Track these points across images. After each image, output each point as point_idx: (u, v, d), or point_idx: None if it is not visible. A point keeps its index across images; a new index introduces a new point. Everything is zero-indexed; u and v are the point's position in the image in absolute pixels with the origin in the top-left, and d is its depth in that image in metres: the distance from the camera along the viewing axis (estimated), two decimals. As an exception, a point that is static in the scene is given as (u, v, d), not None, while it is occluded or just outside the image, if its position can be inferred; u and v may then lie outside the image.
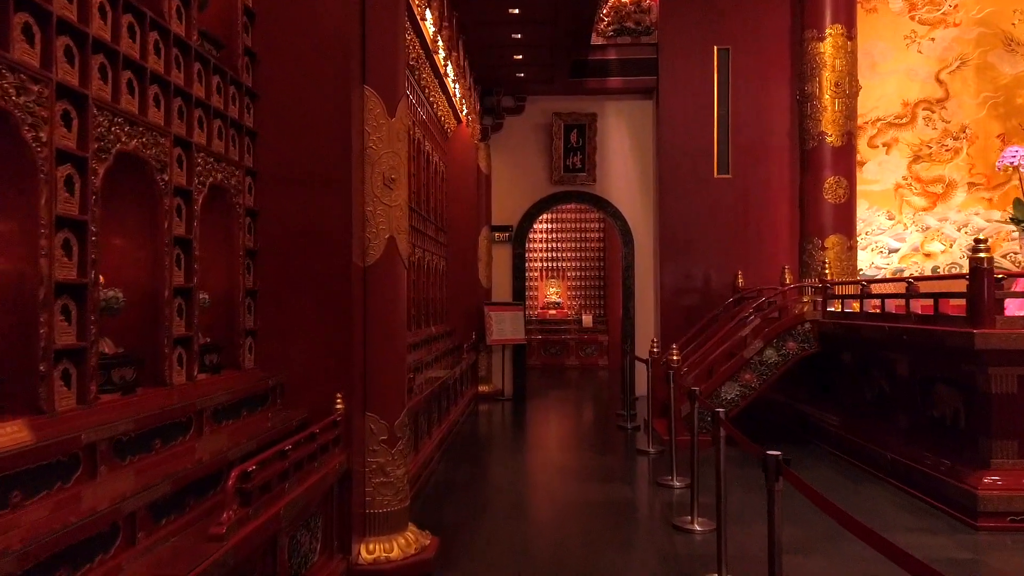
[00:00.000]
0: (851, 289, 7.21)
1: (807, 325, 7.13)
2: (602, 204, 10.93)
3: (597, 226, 16.10)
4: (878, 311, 6.22)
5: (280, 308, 3.76)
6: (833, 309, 7.16)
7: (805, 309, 7.47)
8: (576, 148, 10.77)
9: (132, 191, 2.80)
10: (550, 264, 16.19)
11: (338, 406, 3.51)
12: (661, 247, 10.38)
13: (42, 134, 2.17)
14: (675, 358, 7.01)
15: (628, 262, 10.88)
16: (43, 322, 2.16)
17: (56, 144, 2.23)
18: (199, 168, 3.15)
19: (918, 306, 5.71)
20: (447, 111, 9.67)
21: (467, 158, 10.60)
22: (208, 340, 3.31)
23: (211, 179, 3.27)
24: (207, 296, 3.28)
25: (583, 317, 15.56)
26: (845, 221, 8.89)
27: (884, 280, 8.75)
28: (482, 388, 10.66)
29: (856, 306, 6.86)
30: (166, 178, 2.88)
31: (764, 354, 7.11)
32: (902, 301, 5.79)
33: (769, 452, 2.84)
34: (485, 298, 10.78)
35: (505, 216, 11.02)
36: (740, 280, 10.04)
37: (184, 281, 3.03)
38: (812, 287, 7.48)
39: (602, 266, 16.06)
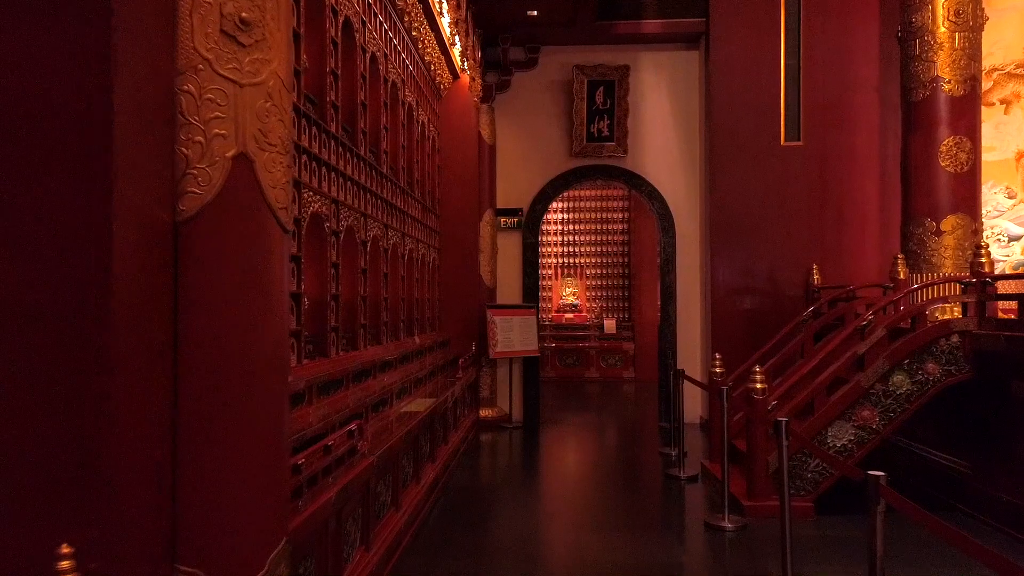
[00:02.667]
0: (1013, 287, 4.97)
1: (955, 339, 4.88)
2: (635, 181, 8.71)
3: (622, 216, 13.86)
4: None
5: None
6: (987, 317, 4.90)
7: (943, 315, 5.21)
8: (603, 111, 8.56)
9: None
10: (566, 260, 13.97)
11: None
12: (712, 235, 8.15)
13: None
14: (758, 386, 4.79)
15: (668, 254, 8.65)
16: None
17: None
18: None
19: None
20: (439, 59, 7.49)
21: (466, 124, 8.42)
22: None
23: None
24: None
25: (605, 322, 13.34)
26: (968, 196, 6.57)
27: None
28: (484, 413, 8.47)
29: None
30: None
31: (891, 380, 4.87)
32: None
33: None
34: (488, 299, 8.59)
35: (513, 197, 8.82)
36: (815, 276, 7.81)
37: None
38: (963, 281, 5.19)
39: (626, 263, 13.83)
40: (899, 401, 4.86)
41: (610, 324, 13.31)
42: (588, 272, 13.94)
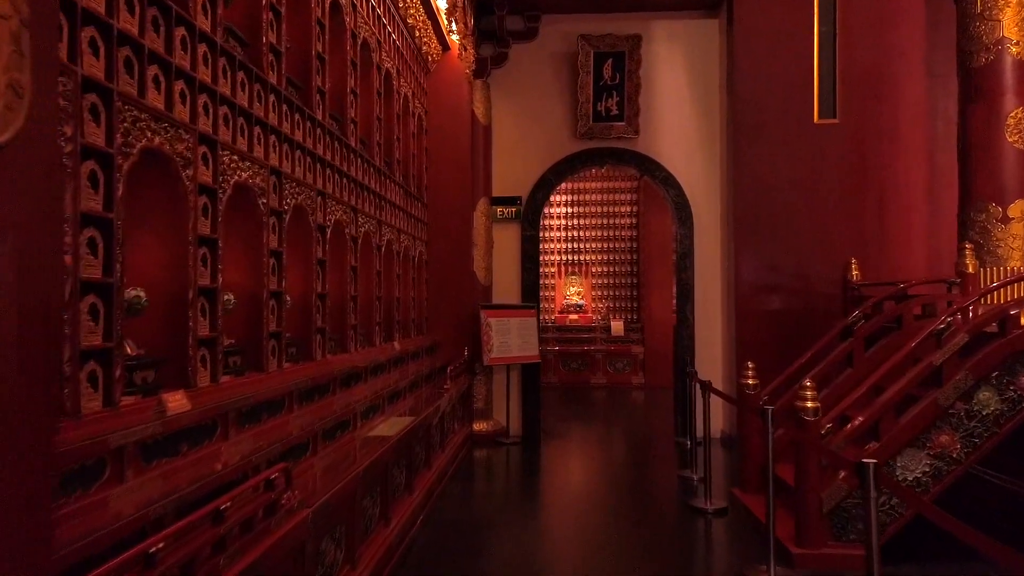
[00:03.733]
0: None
1: (1056, 346, 3.91)
2: (648, 166, 7.76)
3: (630, 209, 12.91)
4: None
5: None
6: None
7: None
8: (612, 87, 7.62)
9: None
10: (570, 257, 13.02)
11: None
12: (735, 226, 7.20)
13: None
14: (809, 404, 3.84)
15: (684, 248, 7.69)
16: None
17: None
18: None
19: None
20: (424, 25, 6.55)
21: (457, 101, 7.48)
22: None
23: None
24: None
25: (612, 323, 12.39)
26: (1040, 177, 5.66)
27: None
28: (478, 426, 7.52)
29: None
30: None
31: (975, 398, 3.91)
32: None
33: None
34: (483, 299, 7.65)
35: (511, 184, 7.88)
36: (854, 272, 6.86)
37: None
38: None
39: (635, 259, 12.88)
40: (985, 423, 3.90)
41: (617, 325, 12.36)
42: (594, 270, 12.99)
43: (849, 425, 4.04)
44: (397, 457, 4.36)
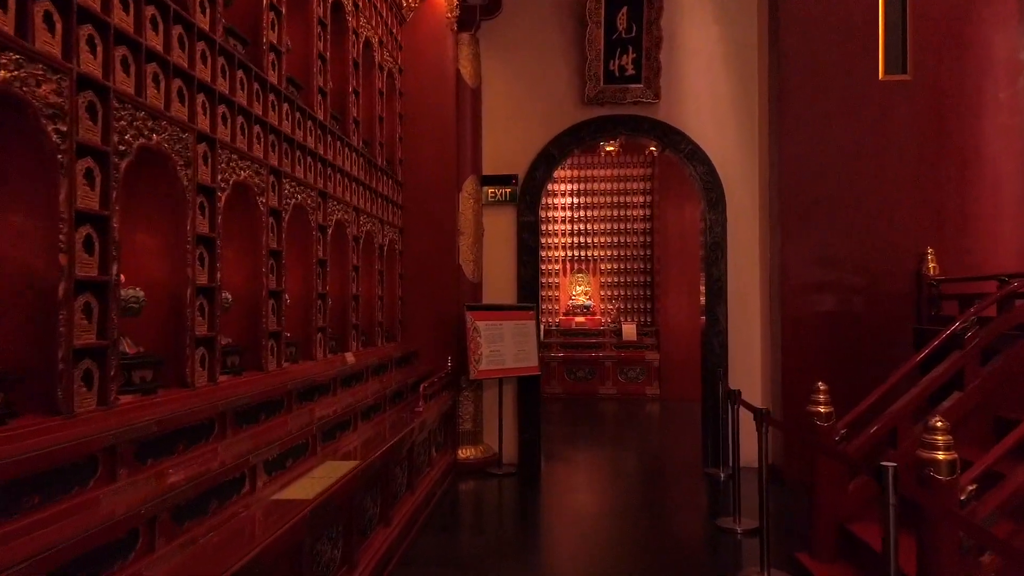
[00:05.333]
0: None
1: None
2: (671, 137, 6.40)
3: (643, 199, 11.55)
4: None
5: None
6: None
7: None
8: (627, 40, 6.27)
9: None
10: (576, 253, 11.68)
11: None
12: (780, 210, 5.84)
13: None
14: (940, 456, 2.49)
15: (716, 237, 6.33)
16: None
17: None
18: None
19: None
20: (395, -45, 5.24)
21: (439, 58, 6.16)
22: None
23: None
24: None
25: (623, 326, 11.03)
26: None
27: None
28: (465, 453, 6.18)
29: None
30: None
31: None
32: None
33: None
34: (471, 298, 6.31)
35: (505, 159, 6.54)
36: (931, 264, 5.52)
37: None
38: None
39: (648, 255, 11.53)
40: None
41: (629, 329, 11.00)
42: (602, 267, 11.64)
43: (1000, 487, 2.68)
44: (326, 523, 3.02)
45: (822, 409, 3.75)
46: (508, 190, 6.50)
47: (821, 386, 3.79)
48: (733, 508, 4.68)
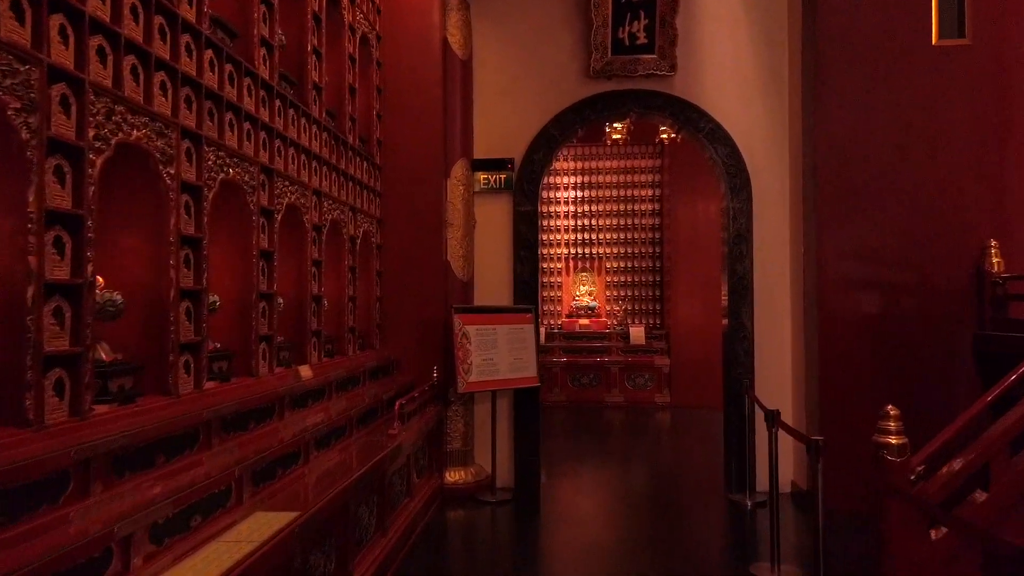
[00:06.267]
0: None
1: None
2: (688, 115, 5.61)
3: (652, 193, 10.77)
4: None
5: None
6: None
7: None
8: (638, 4, 5.49)
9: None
10: (580, 251, 10.91)
11: None
12: (816, 197, 5.05)
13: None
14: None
15: (740, 227, 5.54)
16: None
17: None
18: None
19: None
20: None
21: (424, 26, 5.40)
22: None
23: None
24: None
25: (630, 329, 10.24)
26: None
27: None
28: (454, 476, 5.40)
29: None
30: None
31: None
32: None
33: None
34: (461, 299, 5.54)
35: (499, 142, 5.76)
36: (995, 259, 4.73)
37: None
38: None
39: (658, 252, 10.74)
40: None
41: (637, 332, 10.21)
42: (608, 265, 10.85)
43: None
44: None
45: (893, 440, 2.95)
46: (503, 176, 5.71)
47: (891, 410, 3.00)
48: (772, 554, 3.88)
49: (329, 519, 2.99)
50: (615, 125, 9.10)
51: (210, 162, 2.78)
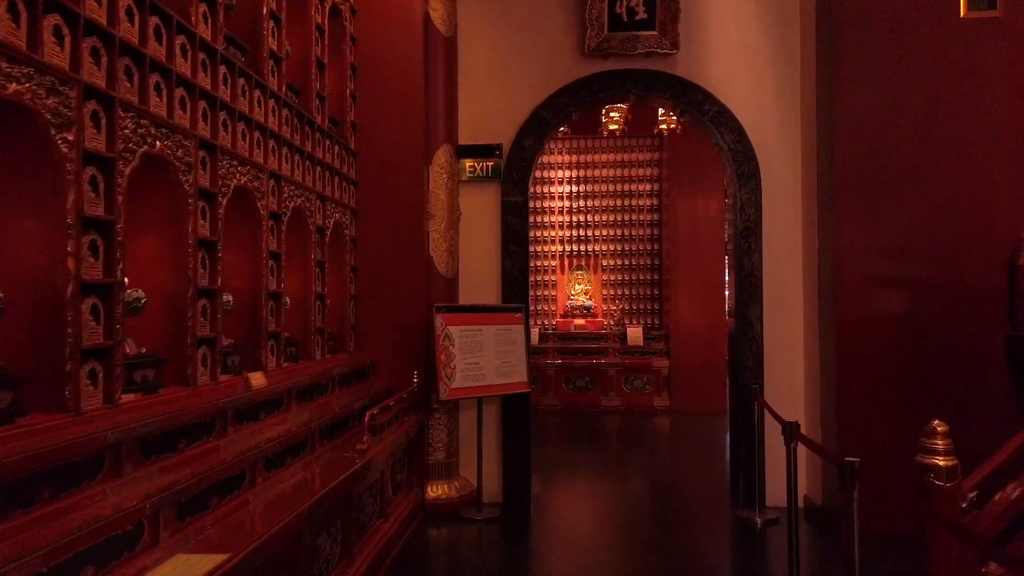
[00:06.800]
0: None
1: None
2: (691, 97, 5.15)
3: (650, 187, 10.32)
4: None
5: None
6: None
7: None
8: (637, -25, 5.04)
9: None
10: (575, 248, 10.45)
11: None
12: (833, 187, 4.60)
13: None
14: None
15: (748, 220, 5.10)
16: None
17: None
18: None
19: None
20: None
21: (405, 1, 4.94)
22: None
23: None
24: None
25: (628, 330, 9.79)
26: None
27: None
28: (436, 491, 4.93)
29: None
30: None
31: None
32: None
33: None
34: (444, 296, 5.07)
35: (487, 126, 5.30)
36: (1031, 252, 4.26)
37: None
38: None
39: (656, 249, 10.30)
40: None
41: (635, 333, 9.75)
42: (605, 263, 10.40)
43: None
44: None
45: (941, 461, 2.51)
46: (490, 163, 5.25)
47: (939, 426, 2.55)
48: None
49: (277, 555, 2.53)
50: (612, 115, 8.64)
51: (127, 131, 2.31)
